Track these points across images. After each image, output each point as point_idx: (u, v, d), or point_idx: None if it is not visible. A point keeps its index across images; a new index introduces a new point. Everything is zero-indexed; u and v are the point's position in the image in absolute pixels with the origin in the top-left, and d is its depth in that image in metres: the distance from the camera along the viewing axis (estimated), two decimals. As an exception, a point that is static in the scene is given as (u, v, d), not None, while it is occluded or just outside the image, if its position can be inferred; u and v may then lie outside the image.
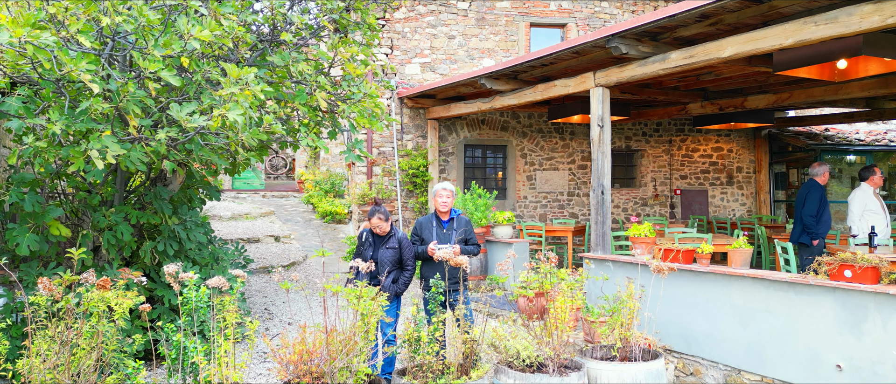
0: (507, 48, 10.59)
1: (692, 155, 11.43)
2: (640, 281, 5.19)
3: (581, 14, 10.83)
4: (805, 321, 4.50)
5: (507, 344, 3.80)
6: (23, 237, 4.97)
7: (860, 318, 4.16)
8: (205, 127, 4.08)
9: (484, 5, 10.52)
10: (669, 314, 5.52)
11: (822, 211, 5.92)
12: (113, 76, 4.03)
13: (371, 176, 10.05)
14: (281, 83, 5.52)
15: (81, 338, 2.94)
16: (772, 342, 4.73)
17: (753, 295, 4.88)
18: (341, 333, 3.28)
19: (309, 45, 6.29)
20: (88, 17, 3.95)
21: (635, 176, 11.32)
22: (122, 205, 5.61)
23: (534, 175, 10.77)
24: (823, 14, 4.51)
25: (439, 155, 10.24)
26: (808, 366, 4.47)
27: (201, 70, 4.36)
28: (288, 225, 11.73)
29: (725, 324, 5.10)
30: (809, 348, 4.47)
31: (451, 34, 10.39)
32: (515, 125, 10.70)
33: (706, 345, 5.27)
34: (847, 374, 4.24)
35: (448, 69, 10.37)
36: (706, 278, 5.28)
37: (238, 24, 4.73)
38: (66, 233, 5.24)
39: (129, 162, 4.19)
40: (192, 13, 4.34)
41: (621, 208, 11.16)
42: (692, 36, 5.72)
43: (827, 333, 4.36)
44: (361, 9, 6.08)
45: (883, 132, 11.38)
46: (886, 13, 4.10)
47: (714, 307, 5.20)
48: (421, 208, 10.04)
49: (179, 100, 4.37)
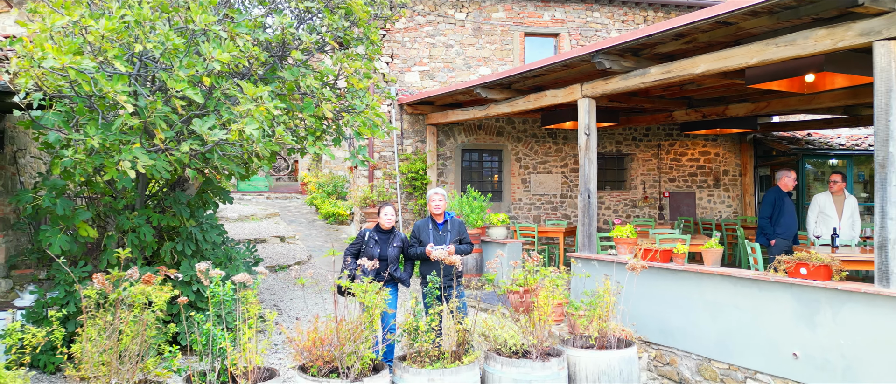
0: (502, 57, 11.06)
1: (680, 159, 11.91)
2: (622, 279, 5.68)
3: (573, 24, 11.30)
4: (767, 314, 4.97)
5: (495, 333, 4.27)
6: (55, 238, 5.44)
7: (813, 311, 4.64)
8: (224, 139, 4.54)
9: (480, 16, 10.99)
10: (648, 309, 6.00)
11: (778, 214, 6.38)
12: (141, 94, 4.50)
13: (372, 179, 10.52)
14: (289, 95, 5.97)
15: (126, 325, 3.40)
16: (738, 333, 5.21)
17: (722, 291, 5.36)
18: (349, 323, 3.75)
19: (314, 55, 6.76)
20: (121, 43, 4.43)
21: (626, 179, 11.80)
22: (143, 208, 6.07)
23: (528, 178, 11.25)
24: (784, 36, 4.99)
25: (438, 159, 10.71)
26: (769, 354, 4.94)
27: (220, 87, 4.82)
28: (292, 226, 12.19)
29: (698, 318, 5.57)
30: (770, 338, 4.94)
31: (448, 43, 10.86)
32: (510, 130, 11.18)
33: (680, 336, 5.74)
34: (802, 362, 4.71)
35: (446, 77, 10.84)
36: (681, 276, 5.75)
37: (251, 43, 5.19)
38: (94, 235, 5.70)
39: (155, 170, 4.66)
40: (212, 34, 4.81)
41: (612, 210, 11.64)
42: (670, 52, 6.19)
43: (785, 325, 4.83)
44: (364, 24, 6.53)
45: (863, 136, 11.86)
46: (837, 37, 4.58)
47: (688, 302, 5.67)
48: (420, 210, 10.51)
49: (200, 114, 4.84)
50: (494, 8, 11.04)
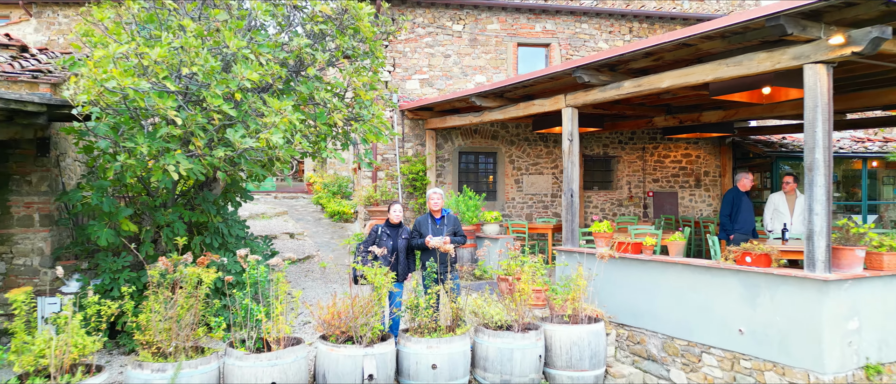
0: (497, 66, 11.86)
1: (663, 161, 12.71)
2: (597, 268, 6.49)
3: (563, 35, 12.10)
4: (718, 297, 5.77)
5: (484, 311, 5.07)
6: (102, 232, 6.24)
7: (755, 294, 5.44)
8: (252, 146, 5.33)
9: (476, 27, 11.79)
10: (622, 295, 6.80)
11: (736, 212, 7.19)
12: (184, 108, 5.30)
13: (376, 180, 11.32)
14: (303, 105, 6.76)
15: (181, 300, 4.19)
16: (696, 314, 6.01)
17: (683, 278, 6.16)
18: (362, 299, 4.55)
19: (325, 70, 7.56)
20: (169, 65, 5.22)
21: (612, 180, 12.60)
22: (175, 206, 6.86)
23: (521, 179, 12.04)
24: (734, 57, 5.79)
25: (436, 161, 11.51)
26: (720, 331, 5.74)
27: (248, 101, 5.62)
28: (300, 223, 12.99)
29: (663, 302, 6.37)
30: (721, 317, 5.74)
31: (446, 53, 11.66)
32: (504, 134, 11.98)
33: (649, 319, 6.54)
34: (747, 336, 5.51)
35: (444, 84, 11.63)
36: (649, 266, 6.55)
37: (273, 62, 5.98)
38: (134, 230, 6.50)
39: (192, 173, 5.45)
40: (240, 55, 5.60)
41: (600, 209, 12.43)
42: (642, 67, 6.98)
43: (733, 306, 5.63)
44: (371, 42, 7.32)
45: (835, 140, 12.66)
46: (775, 59, 5.38)
47: (654, 288, 6.47)
48: (420, 208, 11.30)
49: (229, 124, 5.63)
50: (489, 20, 11.84)
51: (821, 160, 5.05)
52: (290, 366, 4.28)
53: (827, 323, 4.93)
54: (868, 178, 12.77)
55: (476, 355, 4.99)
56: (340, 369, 4.37)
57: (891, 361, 5.29)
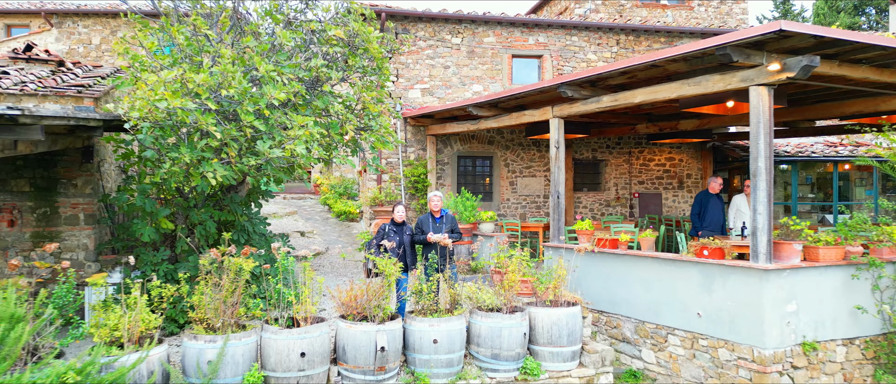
0: (493, 76, 12.75)
1: (648, 164, 13.61)
2: (579, 261, 7.38)
3: (554, 47, 13.00)
4: (681, 285, 6.66)
5: (477, 296, 5.97)
6: (145, 229, 7.12)
7: (710, 282, 6.33)
8: (279, 155, 6.22)
9: (473, 40, 12.68)
10: (602, 285, 7.69)
11: (704, 212, 8.08)
12: (221, 124, 6.19)
13: (380, 182, 12.21)
14: (319, 117, 7.64)
15: (227, 284, 5.08)
16: (663, 300, 6.90)
17: (652, 269, 7.05)
18: (375, 285, 5.44)
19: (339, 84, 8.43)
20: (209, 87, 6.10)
21: (600, 182, 13.50)
22: (205, 207, 7.75)
23: (515, 181, 12.94)
24: (694, 78, 6.69)
25: (436, 165, 12.40)
26: (682, 314, 6.64)
27: (274, 116, 6.51)
28: (309, 223, 13.88)
29: (636, 291, 7.26)
30: (683, 303, 6.63)
31: (446, 65, 12.55)
32: (500, 140, 12.87)
33: (624, 305, 7.43)
34: (704, 319, 6.40)
35: (444, 93, 12.53)
36: (624, 259, 7.44)
37: (295, 81, 6.86)
38: (171, 227, 7.39)
39: (226, 178, 6.34)
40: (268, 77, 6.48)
41: (589, 209, 13.33)
42: (618, 84, 7.88)
43: (693, 293, 6.52)
44: (379, 61, 8.20)
45: (809, 144, 13.56)
46: (727, 81, 6.27)
47: (629, 279, 7.36)
48: (421, 208, 12.19)
49: (258, 136, 6.50)
50: (486, 33, 12.73)
51: (763, 167, 5.95)
52: (316, 340, 5.18)
53: (768, 306, 5.83)
54: (841, 180, 13.68)
55: (471, 333, 5.89)
56: (357, 342, 5.27)
57: (826, 339, 6.18)
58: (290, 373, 5.07)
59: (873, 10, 31.73)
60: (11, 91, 8.00)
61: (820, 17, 30.93)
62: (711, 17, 21.07)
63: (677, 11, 20.65)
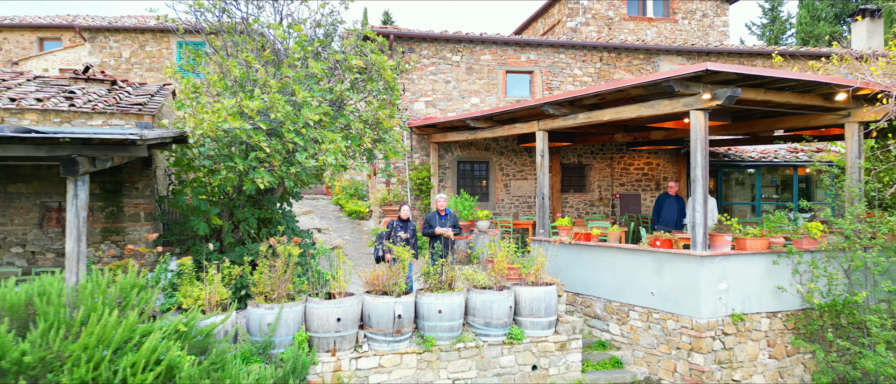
0: (489, 89, 14.28)
1: (628, 168, 15.15)
2: (558, 251, 8.91)
3: (544, 63, 14.53)
4: (639, 270, 8.20)
5: (473, 277, 7.51)
6: (199, 225, 8.64)
7: (661, 267, 7.87)
8: (313, 165, 7.74)
9: (471, 58, 14.21)
10: (578, 271, 9.22)
11: (661, 210, 9.62)
12: (268, 140, 7.72)
13: (389, 184, 13.74)
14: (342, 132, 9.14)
15: (280, 265, 6.61)
16: (626, 283, 8.44)
17: (617, 257, 8.59)
18: (393, 268, 6.98)
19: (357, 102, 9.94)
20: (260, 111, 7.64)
21: (585, 184, 15.03)
22: (247, 206, 9.27)
23: (509, 183, 14.47)
24: (649, 101, 8.22)
25: (439, 169, 13.93)
26: (640, 293, 8.17)
27: (308, 133, 8.03)
28: (324, 221, 15.42)
29: (605, 275, 8.80)
30: (641, 284, 8.17)
31: (447, 80, 14.09)
32: (495, 147, 14.40)
33: (596, 288, 8.96)
34: (656, 297, 7.94)
35: (445, 105, 14.06)
36: (596, 249, 8.98)
37: (324, 103, 8.38)
38: (219, 223, 8.92)
39: (271, 183, 7.87)
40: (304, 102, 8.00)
41: (575, 208, 14.86)
42: (591, 104, 9.42)
43: (648, 276, 8.06)
44: (392, 84, 9.73)
45: (773, 150, 15.09)
46: (674, 105, 7.80)
47: (599, 266, 8.90)
48: (425, 207, 13.72)
49: (296, 149, 8.02)
50: (482, 52, 14.26)
51: (700, 175, 7.49)
52: (348, 309, 6.72)
53: (703, 285, 7.37)
54: (802, 182, 15.22)
55: (468, 306, 7.43)
56: (379, 311, 6.81)
57: (752, 312, 7.71)
58: (329, 333, 6.61)
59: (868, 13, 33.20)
60: (84, 109, 9.51)
61: (802, 25, 32.44)
62: (694, 29, 22.60)
63: (662, 25, 22.18)
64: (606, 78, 14.80)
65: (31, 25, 20.54)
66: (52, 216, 9.25)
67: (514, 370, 7.38)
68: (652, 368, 7.99)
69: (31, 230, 9.21)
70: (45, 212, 9.26)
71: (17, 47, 20.67)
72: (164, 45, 18.44)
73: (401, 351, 6.89)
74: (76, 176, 5.90)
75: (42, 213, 9.25)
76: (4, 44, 20.63)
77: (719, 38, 22.62)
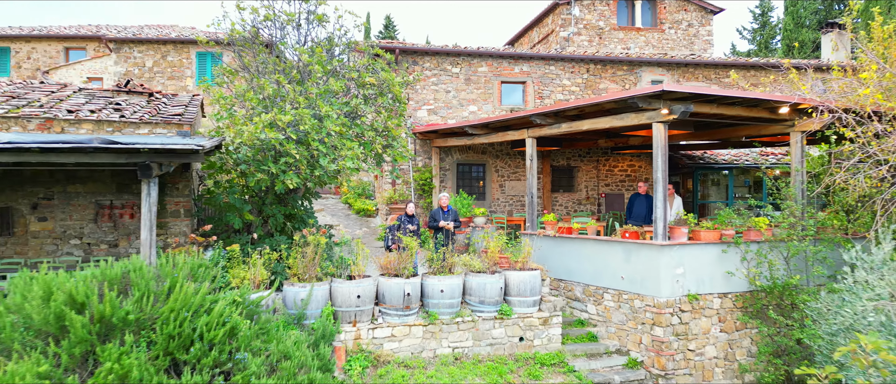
0: (485, 98, 15.69)
1: (613, 170, 16.57)
2: (544, 242, 10.32)
3: (535, 74, 15.95)
4: (611, 258, 9.61)
5: (470, 263, 8.93)
6: (234, 220, 10.05)
7: (629, 255, 9.28)
8: (335, 169, 9.15)
9: (470, 70, 15.62)
10: (562, 260, 10.64)
11: (632, 207, 11.05)
12: (296, 148, 9.13)
13: (394, 185, 15.15)
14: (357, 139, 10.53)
15: (310, 251, 8.02)
16: (601, 269, 9.85)
17: (594, 248, 10.00)
18: (403, 255, 8.40)
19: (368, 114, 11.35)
20: (290, 124, 9.05)
21: (574, 184, 16.45)
22: (274, 204, 10.67)
23: (503, 184, 15.89)
24: (620, 114, 9.64)
25: (440, 171, 15.34)
26: (612, 277, 9.59)
27: (329, 141, 9.43)
28: (334, 218, 16.83)
29: (584, 263, 10.21)
30: (613, 270, 9.58)
31: (447, 89, 15.50)
32: (491, 150, 15.82)
33: (576, 274, 10.37)
34: (625, 280, 9.35)
35: (446, 113, 15.47)
36: (576, 241, 10.40)
37: (342, 115, 9.78)
38: (251, 218, 10.33)
39: (298, 184, 9.28)
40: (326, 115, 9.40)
41: (564, 207, 16.28)
42: (572, 115, 10.83)
43: (618, 263, 9.47)
44: (400, 98, 11.13)
45: (745, 153, 16.52)
46: (640, 118, 9.21)
47: (579, 255, 10.31)
48: (427, 206, 15.13)
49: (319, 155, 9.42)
50: (480, 64, 15.68)
51: (661, 177, 8.90)
52: (366, 288, 8.13)
53: (662, 269, 8.78)
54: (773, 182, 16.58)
55: (466, 287, 8.84)
56: (392, 290, 8.22)
57: (705, 293, 9.12)
58: (351, 308, 8.03)
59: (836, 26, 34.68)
60: (132, 119, 10.92)
61: (787, 32, 33.87)
62: (680, 38, 24.00)
63: (650, 34, 23.59)
64: (593, 87, 16.22)
65: (57, 36, 21.94)
66: (105, 212, 10.66)
67: (504, 341, 8.80)
68: (622, 341, 9.42)
69: (87, 225, 10.62)
70: (98, 210, 10.67)
71: (45, 56, 22.07)
72: (184, 55, 19.85)
73: (409, 323, 8.31)
74: (150, 178, 7.32)
75: (96, 210, 10.66)
76: (33, 53, 22.03)
77: (704, 46, 24.03)
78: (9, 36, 21.64)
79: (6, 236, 10.24)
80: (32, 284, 5.80)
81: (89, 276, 6.05)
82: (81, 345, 5.62)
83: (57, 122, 10.22)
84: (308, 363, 6.72)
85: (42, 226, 10.37)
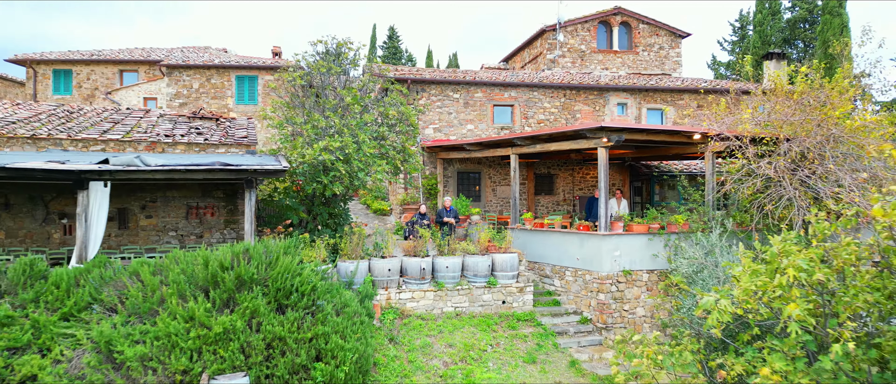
0: (480, 119, 19.22)
1: (586, 176, 20.10)
2: (524, 235, 13.89)
3: (522, 98, 19.48)
4: (570, 245, 13.15)
5: (467, 248, 12.50)
6: (292, 217, 13.62)
7: (582, 242, 12.83)
8: (371, 179, 12.71)
9: (468, 95, 19.16)
10: (537, 247, 14.16)
11: (589, 208, 14.59)
12: (343, 166, 12.70)
13: (407, 189, 18.69)
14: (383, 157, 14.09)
15: (356, 237, 11.54)
16: (563, 253, 13.38)
17: (560, 238, 13.54)
18: (420, 242, 11.94)
19: (389, 137, 14.93)
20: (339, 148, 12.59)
21: (553, 189, 19.99)
22: (320, 205, 14.21)
23: (496, 189, 19.42)
24: (575, 140, 13.19)
25: (443, 178, 18.86)
26: (571, 259, 13.13)
27: (365, 159, 13.00)
28: (356, 216, 20.32)
29: (551, 249, 13.74)
30: (570, 254, 13.12)
31: (449, 111, 19.03)
32: (486, 162, 19.36)
33: (546, 257, 13.90)
34: (580, 261, 12.89)
35: (448, 130, 19.00)
36: (548, 233, 13.93)
37: (373, 139, 13.34)
38: (304, 216, 13.89)
39: (340, 191, 12.84)
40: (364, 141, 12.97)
41: (545, 207, 19.81)
42: (545, 138, 14.36)
43: (574, 248, 13.01)
44: (414, 122, 14.68)
45: (694, 164, 20.05)
46: (590, 143, 12.75)
47: (549, 243, 13.84)
48: (434, 206, 18.65)
49: (358, 170, 12.98)
50: (476, 91, 19.21)
51: (603, 187, 12.42)
52: (395, 264, 11.67)
53: (604, 252, 12.30)
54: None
55: (464, 265, 12.37)
56: (412, 266, 11.76)
57: (636, 269, 12.63)
58: (383, 277, 11.58)
59: (800, 43, 38.19)
60: (212, 141, 14.43)
61: (755, 48, 37.32)
62: (653, 59, 27.49)
63: (626, 56, 27.12)
64: (569, 109, 19.75)
65: (113, 60, 25.46)
66: (193, 212, 14.21)
67: (491, 303, 12.35)
68: (577, 305, 12.96)
69: (180, 221, 14.17)
70: (188, 210, 14.22)
71: (102, 78, 25.59)
72: (225, 78, 23.36)
73: (424, 289, 11.85)
74: (251, 188, 10.84)
75: (187, 210, 14.20)
76: (92, 75, 25.55)
77: (673, 66, 27.55)
78: (71, 59, 25.17)
79: (123, 229, 13.81)
80: (196, 256, 9.34)
81: (226, 250, 9.59)
82: (227, 293, 9.15)
83: (159, 143, 13.76)
84: (359, 310, 10.26)
85: (148, 221, 13.93)
